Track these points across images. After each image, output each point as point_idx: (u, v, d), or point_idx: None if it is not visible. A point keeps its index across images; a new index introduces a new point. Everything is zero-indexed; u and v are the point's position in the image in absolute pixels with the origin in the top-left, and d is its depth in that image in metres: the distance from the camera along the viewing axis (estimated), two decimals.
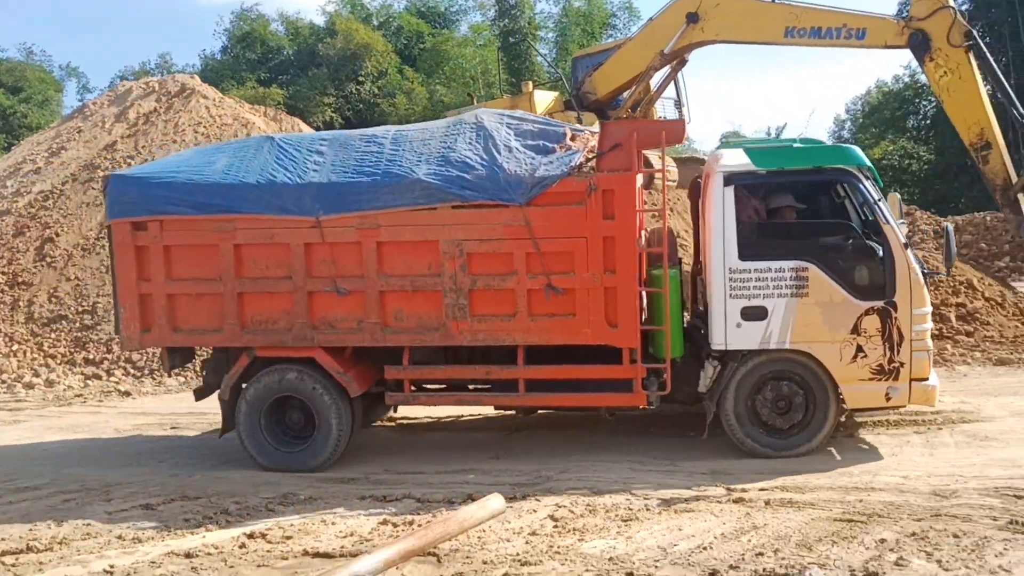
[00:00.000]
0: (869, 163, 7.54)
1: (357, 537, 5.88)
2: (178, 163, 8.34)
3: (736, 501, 6.27)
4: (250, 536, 5.92)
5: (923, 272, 7.33)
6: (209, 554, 5.63)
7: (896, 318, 7.20)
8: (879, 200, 7.31)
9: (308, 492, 6.99)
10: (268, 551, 5.65)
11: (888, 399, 7.35)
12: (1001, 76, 12.04)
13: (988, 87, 12.47)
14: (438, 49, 40.26)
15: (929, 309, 7.38)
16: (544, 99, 16.75)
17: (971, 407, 8.77)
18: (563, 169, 7.46)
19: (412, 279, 7.61)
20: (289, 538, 5.88)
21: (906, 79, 38.69)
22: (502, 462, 7.74)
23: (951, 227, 7.92)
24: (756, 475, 6.90)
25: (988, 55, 11.96)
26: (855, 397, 7.39)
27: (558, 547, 5.50)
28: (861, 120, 42.67)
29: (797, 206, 7.67)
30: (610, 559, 5.27)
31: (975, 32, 11.80)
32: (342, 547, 5.66)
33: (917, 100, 38.55)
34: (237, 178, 7.82)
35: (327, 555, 5.52)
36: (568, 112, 15.55)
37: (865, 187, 7.35)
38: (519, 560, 5.30)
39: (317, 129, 28.20)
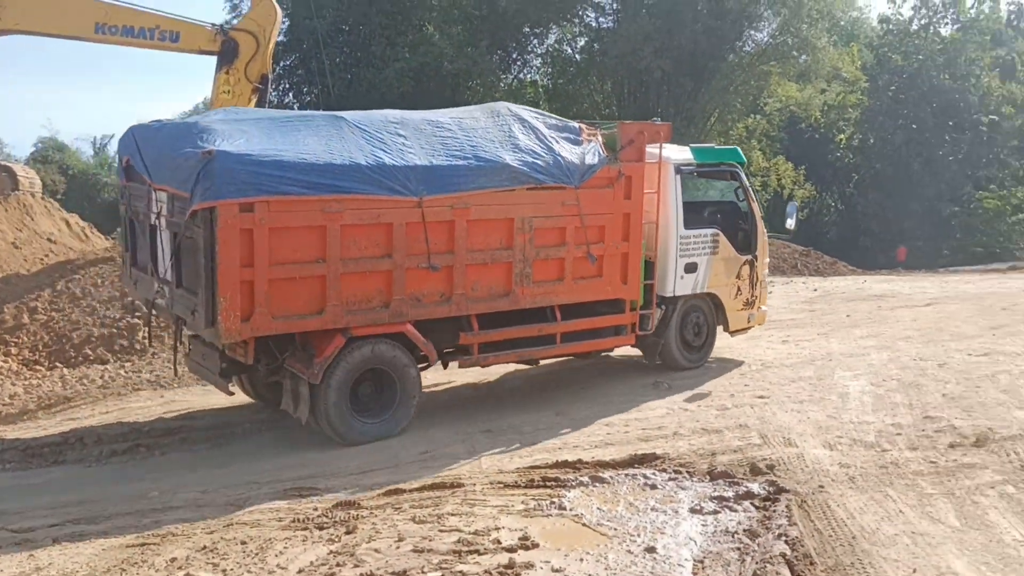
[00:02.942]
0: (745, 160, 11.25)
1: None
2: (260, 139, 7.52)
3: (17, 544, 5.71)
4: None
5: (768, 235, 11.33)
6: None
7: (756, 266, 10.91)
8: (748, 186, 10.99)
9: None
10: None
11: (748, 322, 11.05)
12: None
13: None
14: None
15: (768, 260, 11.47)
16: None
17: (273, 416, 9.28)
18: (602, 158, 9.19)
19: (491, 252, 8.53)
20: None
21: None
22: None
23: (795, 203, 12.37)
24: (46, 511, 6.38)
25: (264, 105, 13.20)
26: (734, 321, 10.84)
27: None
28: None
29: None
30: None
31: (269, 79, 12.90)
32: None
33: None
34: (346, 158, 7.71)
35: None
36: None
37: (742, 176, 10.91)
38: None
39: None
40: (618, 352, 10.88)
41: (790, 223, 12.50)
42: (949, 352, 11.04)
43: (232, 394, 8.76)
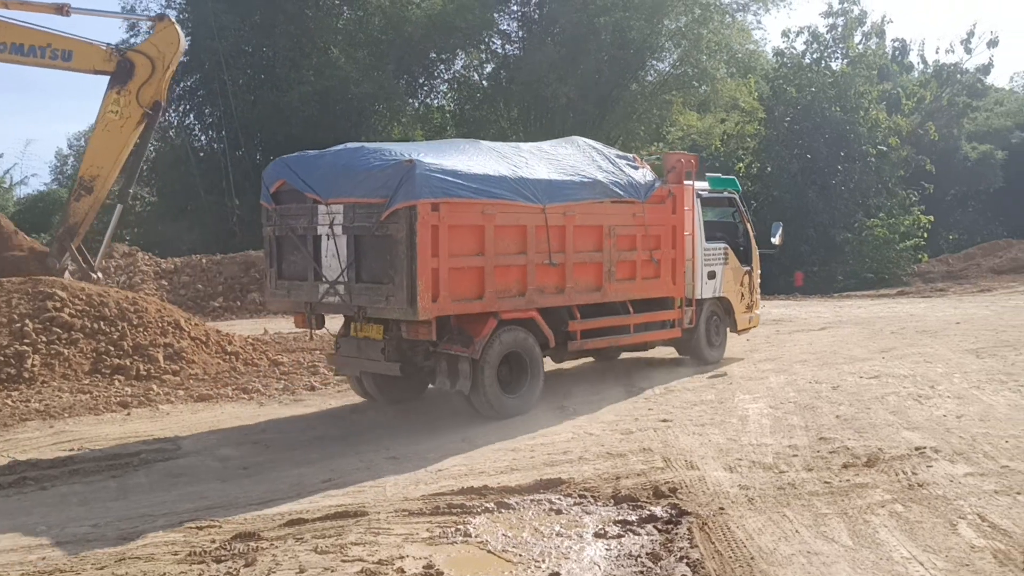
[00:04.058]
0: (740, 188, 13.92)
1: None
2: (433, 154, 9.25)
3: None
4: None
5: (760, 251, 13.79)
6: None
7: (752, 276, 13.47)
8: (744, 209, 13.64)
9: None
10: None
11: (749, 323, 13.54)
12: (144, 153, 13.19)
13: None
14: None
15: (760, 271, 13.93)
16: None
17: (171, 446, 9.00)
18: (658, 180, 11.49)
19: (588, 253, 10.39)
20: None
21: None
22: None
23: (780, 223, 14.30)
24: None
25: (151, 134, 13.02)
26: (740, 323, 13.28)
27: None
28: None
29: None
30: None
31: (162, 107, 12.67)
32: None
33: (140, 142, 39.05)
34: (495, 171, 9.51)
35: None
36: None
37: (740, 200, 13.57)
38: None
39: None
40: None
41: (775, 240, 14.05)
42: (842, 375, 11.44)
43: (400, 375, 9.66)
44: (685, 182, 11.82)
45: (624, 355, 12.87)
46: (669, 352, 12.88)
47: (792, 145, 32.36)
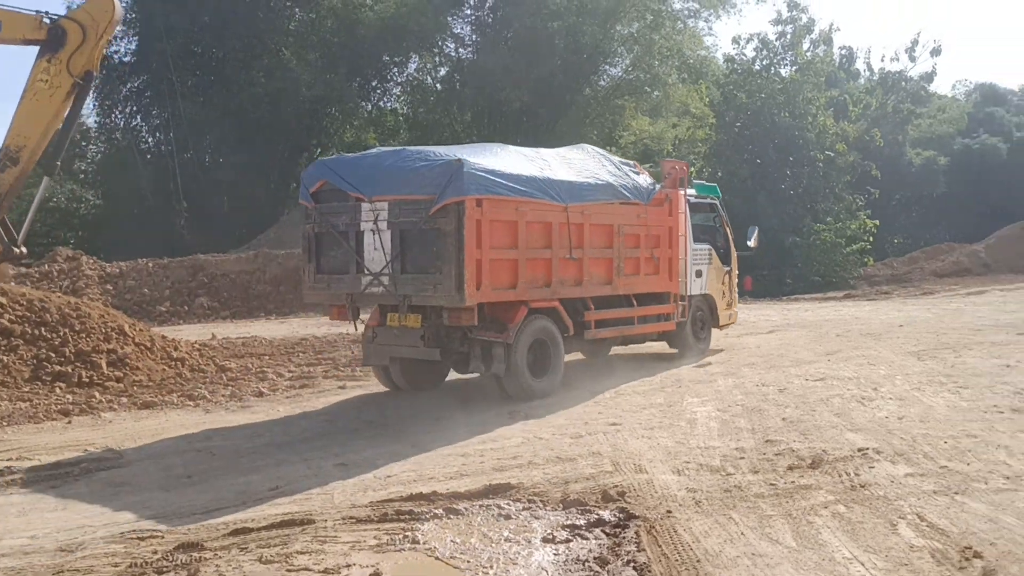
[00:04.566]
0: (721, 194, 15.12)
1: None
2: (472, 155, 10.07)
3: None
4: None
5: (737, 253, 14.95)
6: None
7: (731, 276, 14.63)
8: (724, 214, 14.66)
9: None
10: None
11: (730, 319, 14.76)
12: (73, 125, 12.67)
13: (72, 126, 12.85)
14: None
15: (737, 272, 15.01)
16: None
17: (113, 455, 8.81)
18: (658, 185, 12.60)
19: (601, 249, 11.37)
20: None
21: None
22: None
23: (755, 227, 15.57)
24: None
25: (82, 105, 12.61)
26: (722, 319, 14.45)
27: None
28: None
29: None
30: None
31: (96, 77, 12.25)
32: None
33: (85, 144, 38.40)
34: (525, 171, 10.42)
35: None
36: None
37: (720, 206, 14.68)
38: None
39: None
40: (474, 382, 10.90)
41: (751, 242, 15.13)
42: (789, 377, 11.60)
43: (439, 359, 10.50)
44: (679, 188, 13.04)
45: (579, 357, 12.94)
46: (623, 354, 12.93)
47: (742, 150, 32.80)
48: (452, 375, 11.81)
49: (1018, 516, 5.90)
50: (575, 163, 11.77)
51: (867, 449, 7.77)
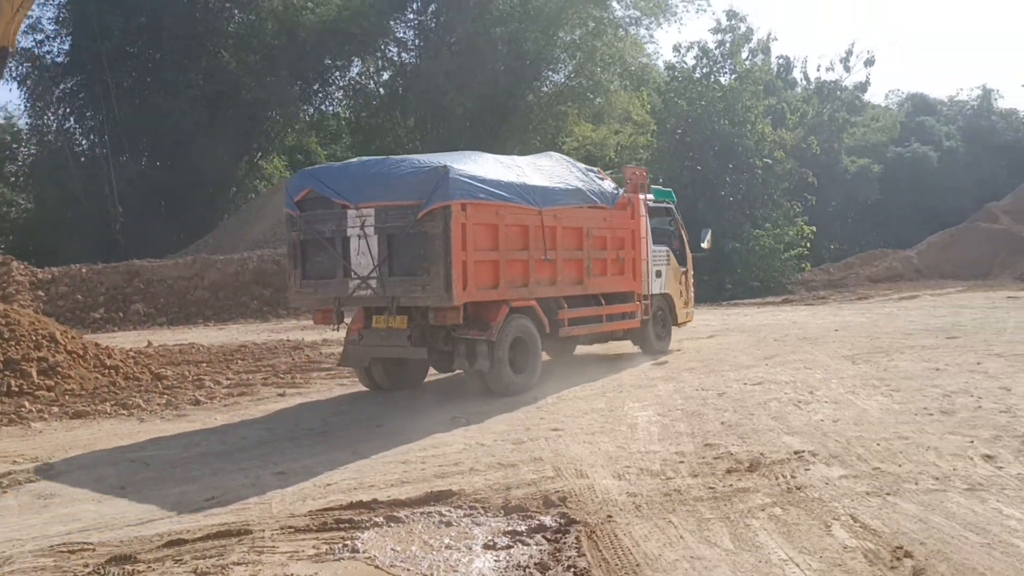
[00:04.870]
0: (676, 199, 15.84)
1: None
2: (454, 162, 10.48)
3: None
4: None
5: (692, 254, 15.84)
6: None
7: (687, 276, 15.54)
8: (679, 217, 15.50)
9: None
10: None
11: (687, 317, 15.68)
12: None
13: None
14: None
15: (693, 272, 15.94)
16: None
17: (42, 466, 8.57)
18: (620, 190, 13.30)
19: (572, 251, 11.94)
20: None
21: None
22: None
23: (708, 229, 16.52)
24: None
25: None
26: (680, 317, 15.25)
27: None
28: None
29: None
30: None
31: (9, 53, 11.94)
32: None
33: (16, 146, 37.40)
34: (503, 177, 10.98)
35: None
36: None
37: (675, 209, 15.45)
38: None
39: None
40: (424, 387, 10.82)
41: (705, 244, 16.07)
42: (728, 382, 11.75)
43: (426, 357, 10.99)
44: (640, 193, 13.83)
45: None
46: (568, 359, 12.96)
47: (683, 157, 33.23)
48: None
49: (947, 516, 6.05)
50: (546, 169, 12.31)
51: (803, 452, 7.90)
